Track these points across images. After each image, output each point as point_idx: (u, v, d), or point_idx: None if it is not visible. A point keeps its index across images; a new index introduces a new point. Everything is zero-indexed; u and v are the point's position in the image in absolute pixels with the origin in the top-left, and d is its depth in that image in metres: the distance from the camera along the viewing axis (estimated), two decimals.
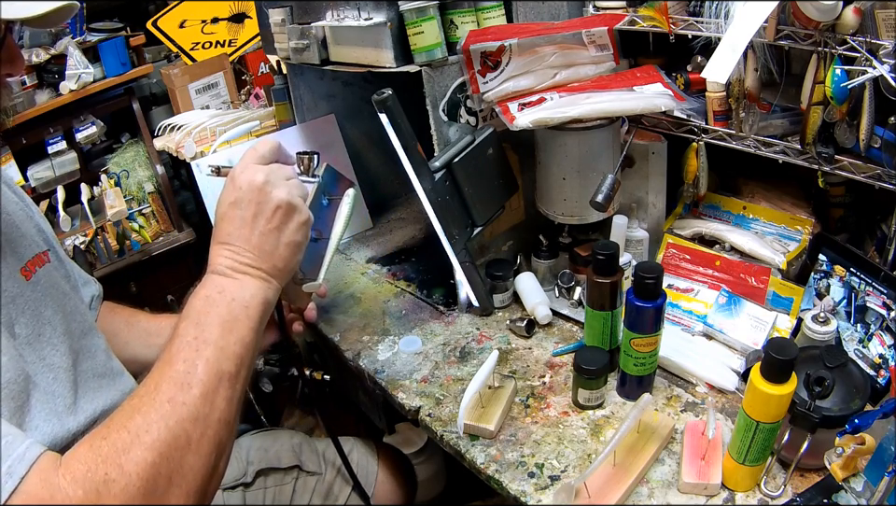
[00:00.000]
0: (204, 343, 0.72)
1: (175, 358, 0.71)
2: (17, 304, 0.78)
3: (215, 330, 0.74)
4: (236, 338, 0.75)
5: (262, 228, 0.80)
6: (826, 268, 1.09)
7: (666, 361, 1.09)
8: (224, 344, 0.73)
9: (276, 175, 0.82)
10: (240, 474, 1.20)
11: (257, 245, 0.80)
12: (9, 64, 0.75)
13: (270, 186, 0.80)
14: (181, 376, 0.70)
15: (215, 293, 0.77)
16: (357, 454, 1.33)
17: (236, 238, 0.79)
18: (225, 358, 0.73)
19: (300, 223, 0.83)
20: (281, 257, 0.82)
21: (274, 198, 0.80)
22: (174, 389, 0.69)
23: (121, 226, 2.38)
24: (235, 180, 0.81)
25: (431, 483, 1.42)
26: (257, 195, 0.80)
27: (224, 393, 0.72)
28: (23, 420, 0.72)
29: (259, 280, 0.80)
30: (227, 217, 0.80)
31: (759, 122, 1.12)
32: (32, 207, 0.96)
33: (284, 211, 0.81)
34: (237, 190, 0.80)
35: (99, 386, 0.86)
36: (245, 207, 0.80)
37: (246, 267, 0.79)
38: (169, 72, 2.39)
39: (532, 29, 1.20)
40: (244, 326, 0.76)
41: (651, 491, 0.90)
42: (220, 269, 0.79)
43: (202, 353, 0.72)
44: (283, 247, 0.82)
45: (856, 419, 0.78)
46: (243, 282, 0.78)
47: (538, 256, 1.34)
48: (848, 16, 0.90)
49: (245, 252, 0.79)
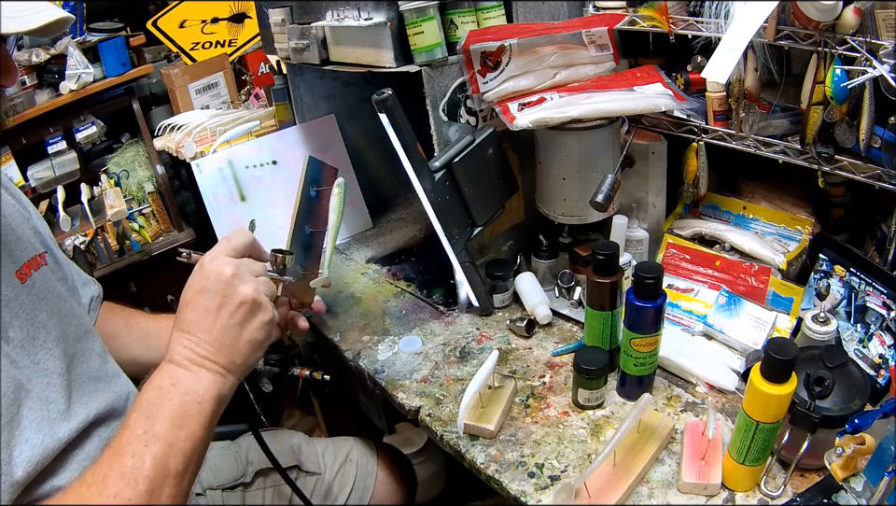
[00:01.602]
0: (154, 437, 0.72)
1: (124, 451, 0.71)
2: (11, 308, 0.78)
3: (164, 425, 0.73)
4: (186, 434, 0.74)
5: (225, 321, 0.78)
6: (826, 268, 1.09)
7: (666, 361, 1.09)
8: (173, 439, 0.73)
9: (246, 270, 0.80)
10: (239, 474, 1.20)
11: (217, 337, 0.78)
12: (4, 76, 0.75)
13: (237, 280, 0.79)
14: (129, 471, 0.69)
15: (168, 384, 0.76)
16: (356, 454, 1.33)
17: (197, 328, 0.78)
18: (173, 454, 0.72)
19: (263, 322, 0.81)
20: (240, 352, 0.80)
21: (240, 293, 0.79)
22: (120, 484, 0.69)
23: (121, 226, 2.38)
24: (204, 268, 0.80)
25: (431, 483, 1.42)
26: (223, 287, 0.78)
27: (169, 491, 0.71)
28: (13, 434, 0.72)
29: (216, 374, 0.78)
30: (191, 304, 0.79)
31: (759, 122, 1.13)
32: (29, 209, 0.96)
33: (248, 307, 0.79)
34: (205, 279, 0.79)
35: (94, 390, 0.86)
36: (211, 298, 0.78)
37: (203, 360, 0.78)
38: (169, 72, 2.39)
39: (532, 29, 1.20)
40: (195, 421, 0.75)
41: (651, 491, 0.90)
42: (177, 359, 0.78)
43: (150, 448, 0.71)
44: (243, 343, 0.80)
45: (856, 419, 0.78)
46: (198, 375, 0.77)
47: (538, 256, 1.34)
48: (848, 16, 0.90)
49: (205, 344, 0.78)
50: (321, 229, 1.07)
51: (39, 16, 0.71)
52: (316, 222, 1.04)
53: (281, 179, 1.58)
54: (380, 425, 1.41)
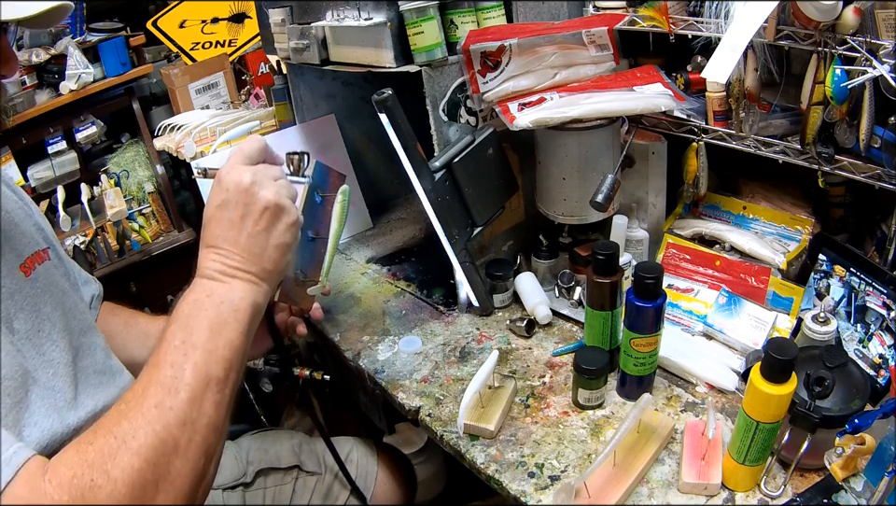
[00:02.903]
0: (192, 346, 0.71)
1: (163, 363, 0.71)
2: (15, 300, 0.78)
3: (203, 334, 0.73)
4: (225, 341, 0.74)
5: (250, 230, 0.78)
6: (826, 268, 1.09)
7: (666, 361, 1.09)
8: (212, 347, 0.72)
9: (263, 176, 0.80)
10: (240, 474, 1.20)
11: (245, 247, 0.78)
12: (4, 65, 0.75)
13: (257, 186, 0.79)
14: (168, 381, 0.69)
15: (203, 297, 0.76)
16: (356, 454, 1.33)
17: (224, 241, 0.78)
18: (213, 361, 0.72)
19: (288, 224, 0.81)
20: (270, 259, 0.80)
21: (262, 199, 0.78)
22: (161, 394, 0.68)
23: (121, 226, 2.38)
24: (222, 182, 0.79)
25: (431, 483, 1.42)
26: (244, 196, 0.78)
27: (212, 397, 0.71)
28: (22, 416, 0.71)
29: (248, 283, 0.78)
30: (214, 219, 0.79)
31: (759, 122, 1.13)
32: (31, 206, 0.96)
33: (272, 212, 0.79)
34: (224, 192, 0.79)
35: (99, 383, 0.86)
36: (233, 209, 0.78)
37: (235, 270, 0.78)
38: (169, 72, 2.39)
39: (532, 29, 1.20)
40: (232, 329, 0.75)
41: (651, 491, 0.90)
42: (209, 273, 0.78)
43: (189, 357, 0.71)
44: (271, 249, 0.80)
45: (856, 419, 0.78)
46: (232, 285, 0.77)
47: (538, 256, 1.34)
48: (848, 16, 0.90)
49: (234, 255, 0.78)
50: (324, 235, 1.06)
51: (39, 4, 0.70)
52: (319, 228, 1.04)
53: None
54: (380, 425, 1.41)
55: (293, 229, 0.83)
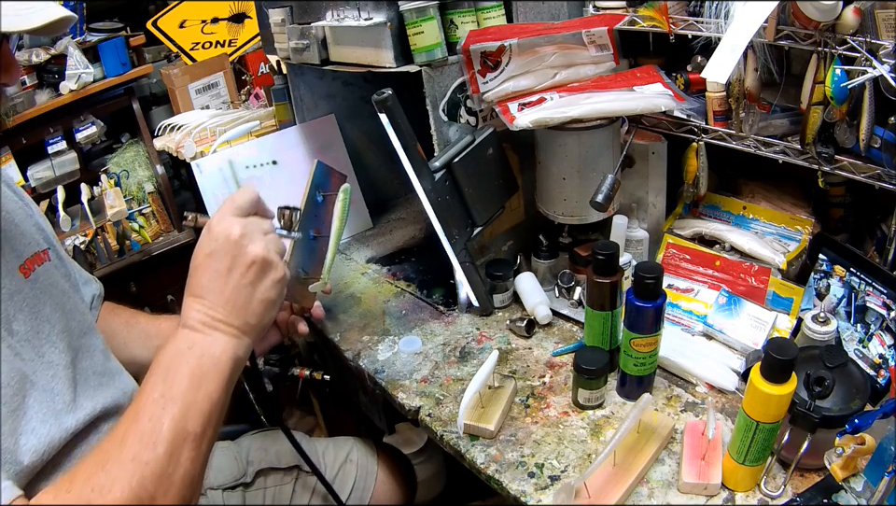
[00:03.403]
0: (171, 400, 0.71)
1: (142, 415, 0.70)
2: (15, 301, 0.78)
3: (182, 387, 0.72)
4: (204, 395, 0.73)
5: (236, 282, 0.78)
6: (826, 268, 1.09)
7: (666, 361, 1.09)
8: (191, 401, 0.72)
9: (254, 229, 0.80)
10: (240, 474, 1.20)
11: (230, 299, 0.78)
12: (5, 73, 0.75)
13: (246, 239, 0.78)
14: (146, 434, 0.69)
15: (184, 348, 0.75)
16: (356, 454, 1.33)
17: (209, 291, 0.77)
18: (191, 416, 0.72)
19: (274, 280, 0.81)
20: (254, 313, 0.79)
21: (250, 253, 0.78)
22: (138, 447, 0.68)
23: (121, 226, 2.38)
24: (211, 231, 0.79)
25: (431, 483, 1.42)
26: (232, 248, 0.77)
27: (189, 453, 0.70)
28: (18, 424, 0.72)
29: (231, 336, 0.78)
30: (201, 268, 0.78)
31: (759, 122, 1.13)
32: (32, 206, 0.96)
33: (259, 267, 0.79)
34: (213, 242, 0.78)
35: (98, 384, 0.86)
36: (220, 260, 0.77)
37: (217, 322, 0.77)
38: (169, 72, 2.39)
39: (532, 29, 1.20)
40: (212, 382, 0.75)
41: (651, 491, 0.90)
42: (191, 323, 0.77)
43: (168, 410, 0.70)
44: (256, 304, 0.79)
45: (856, 419, 0.78)
46: (213, 338, 0.77)
47: (538, 256, 1.34)
48: (848, 16, 0.90)
49: (218, 307, 0.77)
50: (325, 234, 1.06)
51: (42, 14, 0.71)
52: (321, 227, 1.04)
53: (281, 179, 1.58)
54: (380, 425, 1.41)
55: (279, 285, 0.82)
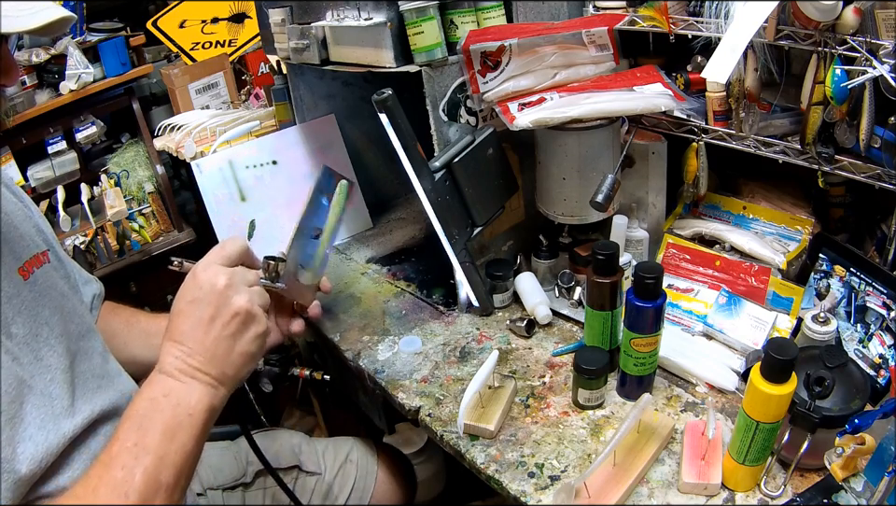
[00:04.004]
0: (144, 450, 0.71)
1: (115, 463, 0.70)
2: (13, 304, 0.78)
3: (156, 438, 0.72)
4: (177, 447, 0.73)
5: (217, 332, 0.78)
6: (826, 268, 1.09)
7: (666, 361, 1.09)
8: (164, 452, 0.72)
9: (239, 280, 0.80)
10: (240, 474, 1.20)
11: (209, 348, 0.78)
12: (4, 75, 0.75)
13: (231, 290, 0.78)
14: (119, 483, 0.69)
15: (160, 396, 0.75)
16: (356, 454, 1.33)
17: (189, 338, 0.78)
18: (164, 467, 0.71)
19: (256, 334, 0.81)
20: (232, 364, 0.79)
21: (234, 304, 0.78)
22: (111, 497, 0.68)
23: (121, 226, 2.38)
24: (197, 278, 0.79)
25: (431, 483, 1.42)
26: (216, 298, 0.78)
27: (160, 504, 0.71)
28: (16, 432, 0.71)
29: (207, 386, 0.78)
30: (183, 314, 0.79)
31: (759, 122, 1.13)
32: (31, 207, 0.96)
33: (242, 319, 0.79)
34: (198, 289, 0.78)
35: (97, 387, 0.86)
36: (204, 308, 0.78)
37: (195, 371, 0.77)
38: (169, 72, 2.39)
39: (532, 29, 1.20)
40: (186, 434, 0.74)
41: (651, 491, 0.90)
42: (168, 369, 0.77)
43: (140, 461, 0.70)
44: (236, 355, 0.79)
45: (856, 419, 0.78)
46: (189, 387, 0.77)
47: (538, 256, 1.34)
48: (848, 16, 0.90)
49: (196, 355, 0.77)
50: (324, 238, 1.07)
51: (41, 15, 0.71)
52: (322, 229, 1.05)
53: (281, 179, 1.58)
54: (380, 425, 1.41)
55: (260, 339, 0.82)
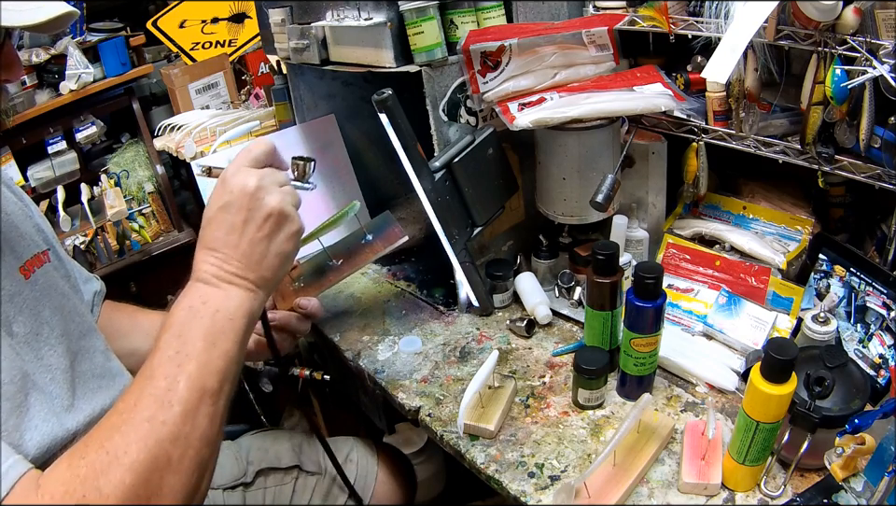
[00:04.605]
0: (186, 357, 0.69)
1: (156, 374, 0.69)
2: (15, 303, 0.78)
3: (198, 344, 0.71)
4: (220, 352, 0.72)
5: (252, 235, 0.76)
6: (826, 268, 1.09)
7: (666, 361, 1.09)
8: (207, 358, 0.70)
9: (270, 181, 0.78)
10: (240, 474, 1.20)
11: (245, 252, 0.76)
12: (7, 70, 0.75)
13: (262, 192, 0.77)
14: (162, 393, 0.67)
15: (199, 303, 0.74)
16: (356, 454, 1.33)
17: (223, 244, 0.76)
18: (208, 373, 0.70)
19: (291, 233, 0.80)
20: (269, 266, 0.78)
21: (266, 205, 0.77)
22: (154, 407, 0.66)
23: (121, 226, 2.38)
24: (226, 183, 0.77)
25: (431, 483, 1.42)
26: (248, 201, 0.76)
27: (206, 410, 0.69)
28: (22, 420, 0.71)
29: (245, 290, 0.76)
30: (215, 220, 0.77)
31: (759, 122, 1.12)
32: (31, 207, 0.96)
33: (275, 219, 0.77)
34: (228, 194, 0.77)
35: (98, 387, 0.86)
36: (235, 212, 0.76)
37: (232, 276, 0.76)
38: (169, 72, 2.39)
39: (532, 29, 1.20)
40: (228, 339, 0.73)
41: (651, 491, 0.90)
42: (205, 277, 0.75)
43: (183, 368, 0.69)
44: (272, 257, 0.78)
45: (856, 419, 0.78)
46: (228, 292, 0.75)
47: (538, 256, 1.34)
48: (848, 16, 0.90)
49: (232, 260, 0.76)
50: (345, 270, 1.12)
51: (45, 10, 0.70)
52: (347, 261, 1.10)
53: None
54: (380, 425, 1.41)
55: (295, 238, 0.81)
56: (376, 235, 1.11)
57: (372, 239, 1.11)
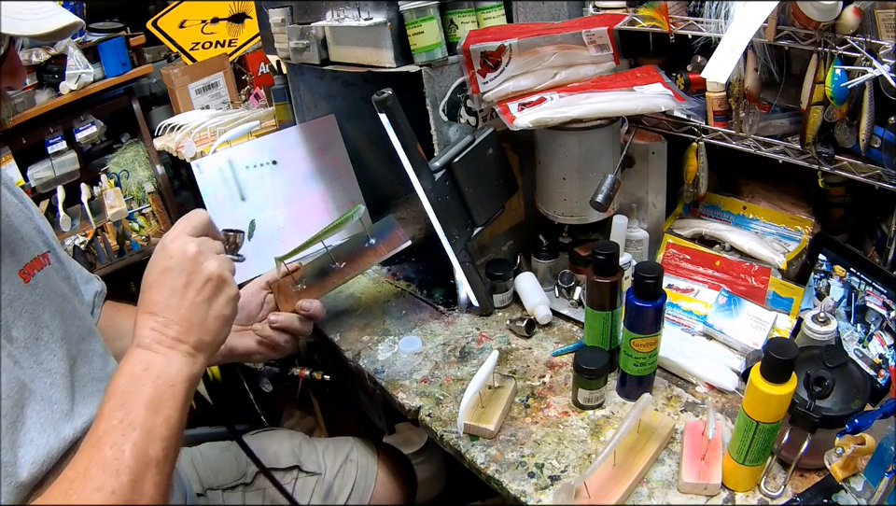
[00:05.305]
0: (130, 426, 0.70)
1: (103, 442, 0.69)
2: (14, 307, 0.78)
3: (141, 412, 0.72)
4: (163, 419, 0.73)
5: (192, 298, 0.78)
6: (826, 268, 1.09)
7: (666, 361, 1.09)
8: (150, 426, 0.71)
9: (207, 247, 0.81)
10: (240, 474, 1.20)
11: (185, 316, 0.78)
12: (10, 77, 0.75)
13: (202, 256, 0.79)
14: (109, 462, 0.68)
15: (139, 370, 0.75)
16: (356, 454, 1.33)
17: (164, 308, 0.77)
18: (151, 441, 0.71)
19: (229, 297, 0.81)
20: (209, 330, 0.79)
21: (206, 269, 0.79)
22: (102, 476, 0.67)
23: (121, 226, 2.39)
24: (167, 248, 0.79)
25: (431, 483, 1.42)
26: (189, 265, 0.78)
27: (152, 479, 0.70)
28: (18, 435, 0.71)
29: (185, 355, 0.77)
30: (156, 284, 0.78)
31: (759, 122, 1.12)
32: (32, 208, 0.96)
33: (215, 283, 0.79)
34: (168, 259, 0.78)
35: (97, 391, 0.86)
36: (176, 276, 0.78)
37: (173, 341, 0.77)
38: (169, 72, 2.39)
39: (532, 29, 1.20)
40: (169, 406, 0.74)
41: (651, 491, 0.90)
42: (146, 342, 0.76)
43: (128, 437, 0.70)
44: (211, 320, 0.80)
45: (856, 419, 0.78)
46: (168, 357, 0.76)
47: (538, 256, 1.34)
48: (848, 16, 0.90)
49: (173, 323, 0.77)
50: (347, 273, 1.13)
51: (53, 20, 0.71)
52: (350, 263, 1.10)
53: (281, 179, 1.58)
54: (380, 425, 1.41)
55: (233, 302, 0.82)
56: (379, 239, 1.12)
57: (375, 242, 1.12)
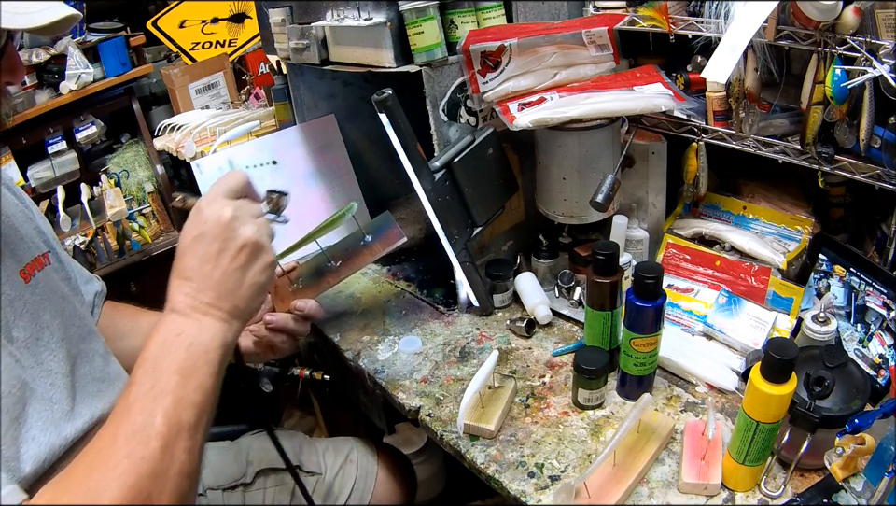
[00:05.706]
0: (162, 392, 0.69)
1: (133, 409, 0.68)
2: (15, 307, 0.78)
3: (172, 379, 0.70)
4: (195, 386, 0.71)
5: (226, 266, 0.76)
6: (826, 268, 1.09)
7: (666, 361, 1.09)
8: (182, 393, 0.70)
9: (244, 212, 0.78)
10: (240, 474, 1.20)
11: (219, 282, 0.76)
12: (9, 73, 0.75)
13: (237, 222, 0.77)
14: (139, 429, 0.66)
15: (172, 336, 0.73)
16: (356, 454, 1.33)
17: (197, 274, 0.76)
18: (184, 407, 0.69)
19: (265, 264, 0.79)
20: (243, 297, 0.77)
21: (241, 235, 0.77)
22: (132, 443, 0.66)
23: (121, 226, 2.38)
24: (201, 213, 0.77)
25: (431, 483, 1.42)
26: (223, 231, 0.76)
27: (184, 445, 0.68)
28: (20, 432, 0.71)
29: (219, 321, 0.76)
30: (189, 250, 0.76)
31: (759, 122, 1.13)
32: (32, 208, 0.96)
33: (250, 250, 0.77)
34: (202, 224, 0.76)
35: (98, 391, 0.86)
36: (210, 243, 0.76)
37: (206, 306, 0.75)
38: (169, 72, 2.39)
39: (532, 29, 1.20)
40: (203, 372, 0.72)
41: (651, 491, 0.90)
42: (179, 307, 0.75)
43: (159, 403, 0.68)
44: (246, 288, 0.77)
45: (856, 419, 0.78)
46: (202, 323, 0.75)
47: (538, 256, 1.34)
48: (848, 16, 0.91)
49: (207, 290, 0.75)
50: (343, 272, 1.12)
51: (49, 13, 0.70)
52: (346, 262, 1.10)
53: (281, 179, 1.58)
54: (380, 425, 1.41)
55: (269, 270, 0.81)
56: (375, 236, 1.12)
57: (371, 240, 1.11)
